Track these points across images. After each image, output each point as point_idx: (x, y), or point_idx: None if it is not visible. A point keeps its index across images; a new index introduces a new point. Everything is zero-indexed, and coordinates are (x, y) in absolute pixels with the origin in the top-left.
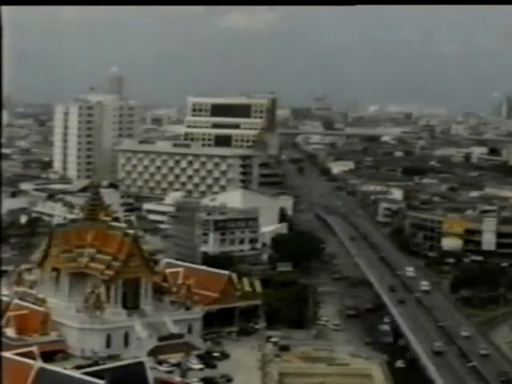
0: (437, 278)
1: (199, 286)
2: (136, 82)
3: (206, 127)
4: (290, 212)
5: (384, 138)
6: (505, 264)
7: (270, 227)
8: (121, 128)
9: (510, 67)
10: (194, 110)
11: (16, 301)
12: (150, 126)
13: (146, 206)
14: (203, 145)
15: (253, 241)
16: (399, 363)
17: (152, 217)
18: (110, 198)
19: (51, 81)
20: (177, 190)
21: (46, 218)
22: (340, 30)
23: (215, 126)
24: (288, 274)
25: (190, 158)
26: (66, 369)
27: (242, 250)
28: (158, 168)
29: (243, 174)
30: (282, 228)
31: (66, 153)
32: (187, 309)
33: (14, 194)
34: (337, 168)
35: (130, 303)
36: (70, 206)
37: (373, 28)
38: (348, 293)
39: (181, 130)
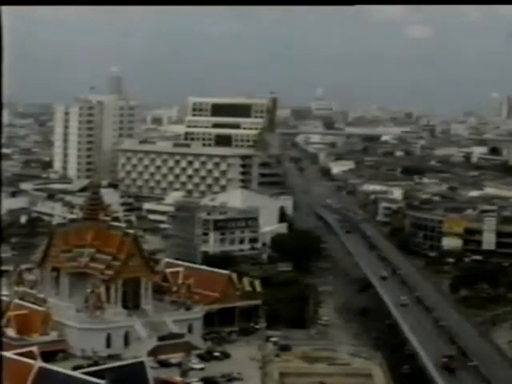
0: (437, 277)
1: (199, 286)
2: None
3: (207, 127)
4: (289, 212)
5: (384, 138)
6: (505, 263)
7: (269, 227)
8: (121, 128)
9: None
10: (194, 109)
11: (16, 301)
12: (150, 125)
13: (146, 205)
14: (203, 144)
15: (253, 240)
16: None
17: (152, 216)
18: (110, 197)
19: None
20: (177, 189)
21: (46, 218)
22: None
23: (215, 125)
24: (288, 274)
25: (190, 157)
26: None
27: (241, 250)
28: (158, 168)
29: (243, 173)
30: (282, 228)
31: (66, 153)
32: (187, 308)
33: (14, 194)
34: (337, 168)
35: (130, 303)
36: (70, 206)
37: None
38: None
39: (181, 129)
